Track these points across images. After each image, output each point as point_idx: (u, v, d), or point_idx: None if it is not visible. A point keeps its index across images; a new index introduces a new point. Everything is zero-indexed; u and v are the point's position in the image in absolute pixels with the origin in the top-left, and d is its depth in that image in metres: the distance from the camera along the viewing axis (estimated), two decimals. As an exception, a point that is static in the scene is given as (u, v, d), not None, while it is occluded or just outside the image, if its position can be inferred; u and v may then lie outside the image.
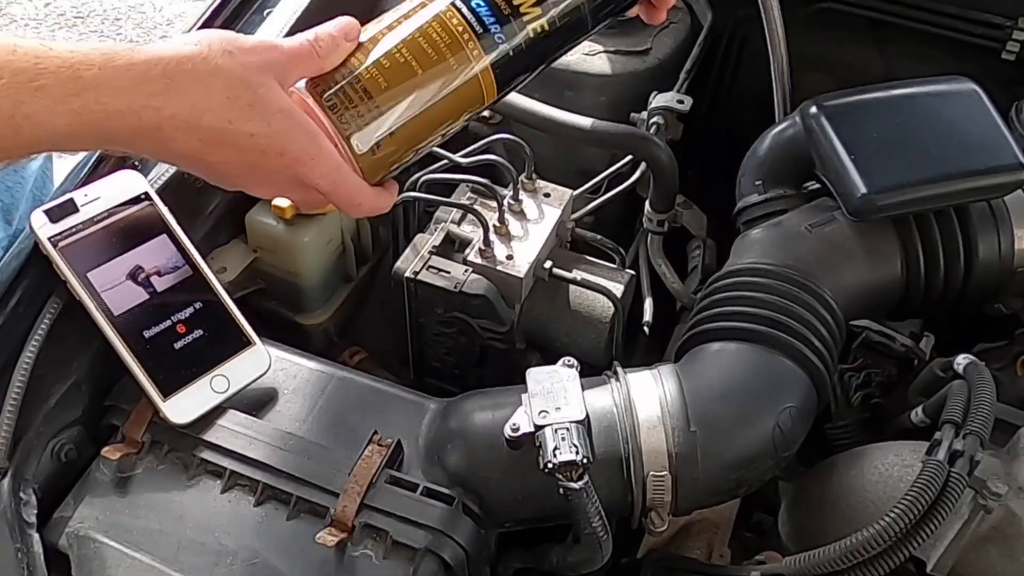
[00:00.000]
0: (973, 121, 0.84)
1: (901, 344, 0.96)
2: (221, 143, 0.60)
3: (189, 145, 0.60)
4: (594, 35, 0.73)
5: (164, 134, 0.59)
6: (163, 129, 0.59)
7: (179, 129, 0.59)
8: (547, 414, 0.70)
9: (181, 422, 0.75)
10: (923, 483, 0.68)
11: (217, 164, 0.63)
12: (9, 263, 0.77)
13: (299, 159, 0.62)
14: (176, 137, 0.59)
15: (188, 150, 0.61)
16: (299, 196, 0.67)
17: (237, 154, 0.61)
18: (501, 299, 0.90)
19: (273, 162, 0.62)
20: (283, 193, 0.68)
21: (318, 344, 1.01)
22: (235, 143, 0.61)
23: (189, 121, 0.59)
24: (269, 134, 0.61)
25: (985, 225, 0.85)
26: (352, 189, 0.65)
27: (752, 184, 0.90)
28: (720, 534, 0.88)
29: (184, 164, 0.64)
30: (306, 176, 0.63)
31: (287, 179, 0.64)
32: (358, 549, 0.70)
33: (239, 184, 0.66)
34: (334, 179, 0.64)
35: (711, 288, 0.84)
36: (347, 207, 0.67)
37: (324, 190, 0.65)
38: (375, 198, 0.68)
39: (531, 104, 0.99)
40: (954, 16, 1.11)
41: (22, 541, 0.70)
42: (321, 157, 0.63)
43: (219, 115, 0.59)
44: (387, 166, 0.67)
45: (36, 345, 0.74)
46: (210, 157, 0.62)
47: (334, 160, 0.64)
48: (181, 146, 0.60)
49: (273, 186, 0.66)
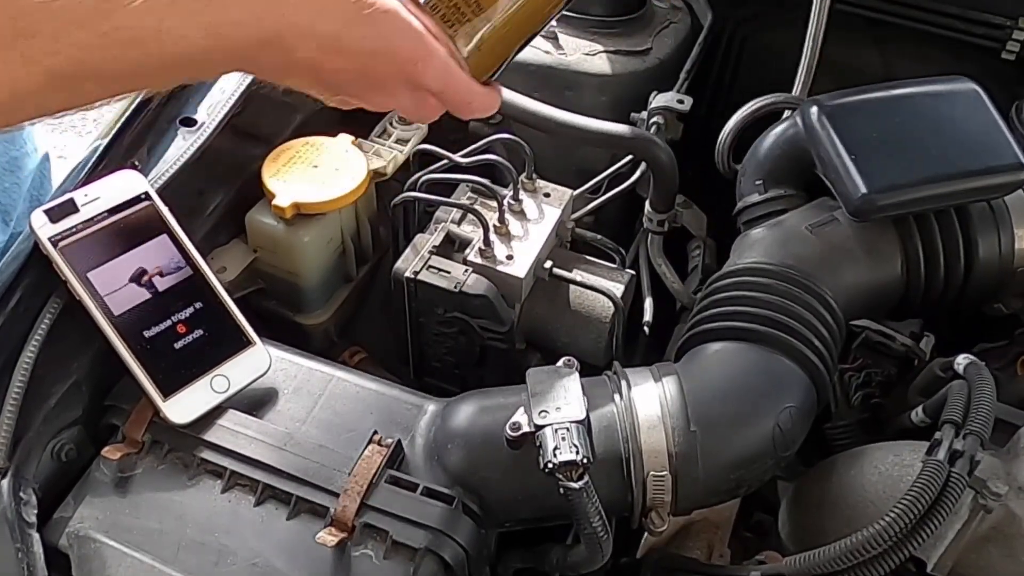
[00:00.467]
0: (973, 121, 0.84)
1: (901, 344, 0.97)
2: (336, 49, 0.61)
3: (308, 53, 0.61)
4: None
5: (286, 43, 0.60)
6: (285, 37, 0.59)
7: (298, 37, 0.60)
8: (547, 414, 0.70)
9: (181, 422, 0.75)
10: (923, 483, 0.68)
11: (334, 73, 0.63)
12: (9, 263, 0.77)
13: (409, 59, 0.63)
14: (297, 46, 0.60)
15: (307, 59, 0.61)
16: (412, 101, 0.67)
17: (351, 59, 0.62)
18: (501, 299, 0.90)
19: (384, 65, 0.63)
20: (396, 100, 0.68)
21: (318, 344, 1.01)
22: (348, 48, 0.61)
23: (306, 27, 0.59)
24: (378, 36, 0.61)
25: (985, 225, 0.85)
26: (462, 87, 0.66)
27: (752, 184, 0.90)
28: (720, 534, 0.88)
29: (303, 77, 0.64)
30: (416, 76, 0.64)
31: (399, 82, 0.64)
32: (358, 549, 0.70)
33: (354, 92, 0.66)
34: (444, 78, 0.65)
35: (711, 288, 0.84)
36: (458, 106, 0.68)
37: (435, 89, 0.65)
38: (485, 96, 0.68)
39: (531, 104, 0.99)
40: (954, 16, 1.11)
41: (22, 541, 0.70)
42: (430, 56, 0.64)
43: (332, 18, 0.60)
44: (493, 64, 0.68)
45: (36, 345, 0.74)
46: (328, 65, 0.62)
47: (443, 59, 0.64)
48: (302, 55, 0.61)
49: (386, 92, 0.66)
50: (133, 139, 0.86)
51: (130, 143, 0.86)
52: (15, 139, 1.11)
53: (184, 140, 0.88)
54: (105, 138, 0.85)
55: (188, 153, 0.86)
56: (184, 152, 0.86)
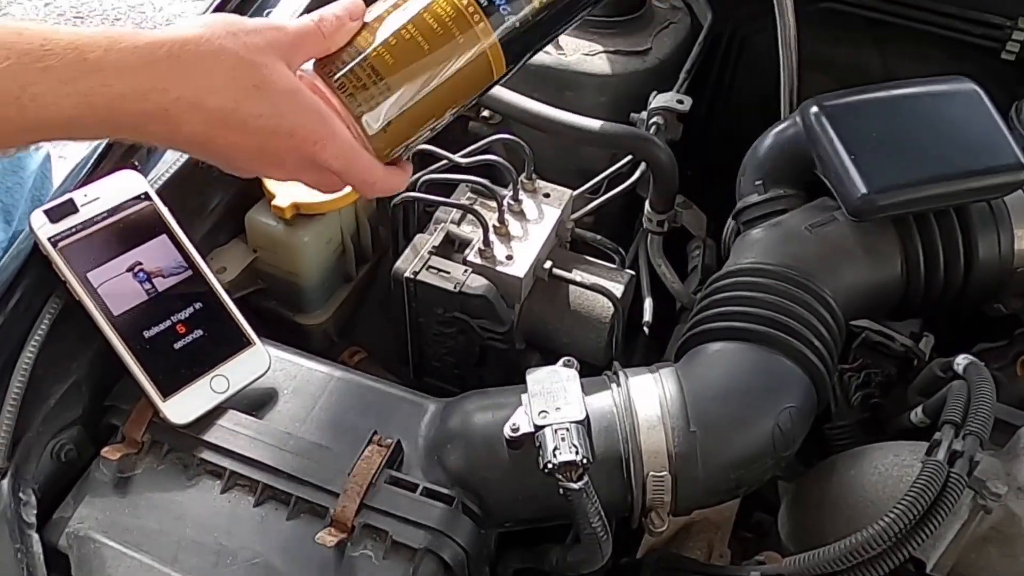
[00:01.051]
0: (973, 121, 0.84)
1: (901, 344, 0.96)
2: (228, 125, 0.60)
3: (197, 128, 0.60)
4: (598, 4, 0.72)
5: (171, 116, 0.59)
6: (170, 112, 0.58)
7: (185, 112, 0.59)
8: (547, 414, 0.70)
9: (181, 422, 0.75)
10: (923, 483, 0.68)
11: (227, 148, 0.62)
12: (9, 263, 0.77)
13: (309, 139, 0.62)
14: (183, 120, 0.59)
15: (196, 134, 0.60)
16: (312, 178, 0.67)
17: (245, 136, 0.61)
18: (501, 299, 0.90)
19: (283, 143, 0.62)
20: (296, 175, 0.67)
21: (318, 344, 1.01)
22: (242, 125, 0.60)
23: (195, 103, 0.58)
24: (276, 115, 0.61)
25: (985, 225, 0.85)
26: (365, 168, 0.65)
27: (752, 184, 0.90)
28: (720, 534, 0.88)
29: (195, 150, 0.64)
30: (318, 156, 0.63)
31: (299, 160, 0.64)
32: (358, 549, 0.70)
33: (251, 168, 0.66)
34: (347, 158, 0.64)
35: (711, 288, 0.84)
36: (361, 187, 0.67)
37: (337, 170, 0.64)
38: (389, 177, 0.68)
39: (531, 104, 0.99)
40: (954, 16, 1.10)
41: (22, 541, 0.70)
42: (332, 136, 0.63)
43: (224, 96, 0.59)
44: (399, 145, 0.67)
45: (36, 345, 0.74)
46: (219, 140, 0.61)
47: (345, 139, 0.64)
48: (189, 129, 0.60)
49: (285, 169, 0.66)
50: (133, 139, 0.86)
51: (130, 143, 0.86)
52: (15, 139, 1.11)
53: (184, 140, 0.88)
54: (105, 138, 0.85)
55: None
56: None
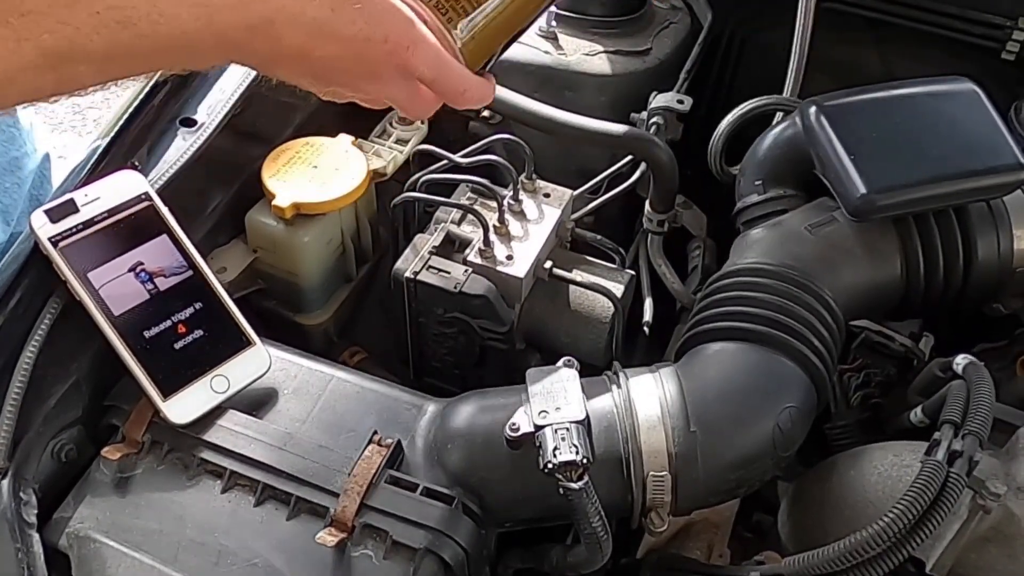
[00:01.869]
0: (973, 121, 0.84)
1: (900, 344, 0.96)
2: (327, 34, 0.61)
3: (298, 40, 0.60)
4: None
5: (275, 28, 0.59)
6: (274, 23, 0.59)
7: (287, 23, 0.59)
8: (547, 414, 0.70)
9: (181, 422, 0.75)
10: (922, 483, 0.68)
11: (325, 60, 0.63)
12: (9, 263, 0.77)
13: (401, 43, 0.63)
14: (285, 33, 0.60)
15: (297, 45, 0.61)
16: (405, 91, 0.67)
17: (342, 46, 0.62)
18: (501, 299, 0.90)
19: (377, 50, 0.62)
20: (389, 89, 0.67)
21: (318, 344, 1.01)
22: (339, 33, 0.61)
23: (295, 13, 0.59)
24: (370, 21, 0.61)
25: (985, 225, 0.85)
26: (456, 75, 0.66)
27: (752, 184, 0.90)
28: (720, 534, 0.88)
29: (296, 65, 0.64)
30: (409, 63, 0.64)
31: (392, 70, 0.64)
32: (358, 549, 0.70)
33: (348, 82, 0.66)
34: (437, 65, 0.64)
35: (711, 288, 0.84)
36: (452, 95, 0.67)
37: (428, 77, 0.65)
38: (479, 85, 0.68)
39: (531, 104, 0.99)
40: (954, 16, 1.11)
41: (22, 541, 0.70)
42: (423, 42, 0.63)
43: (321, 5, 0.60)
44: (487, 52, 0.68)
45: (36, 345, 0.74)
46: (317, 52, 0.62)
47: (434, 45, 0.64)
48: (290, 41, 0.60)
49: (380, 80, 0.66)
50: (133, 139, 0.86)
51: (130, 143, 0.86)
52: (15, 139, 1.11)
53: (184, 140, 0.88)
54: (105, 138, 0.85)
55: (188, 153, 0.87)
56: (184, 152, 0.86)
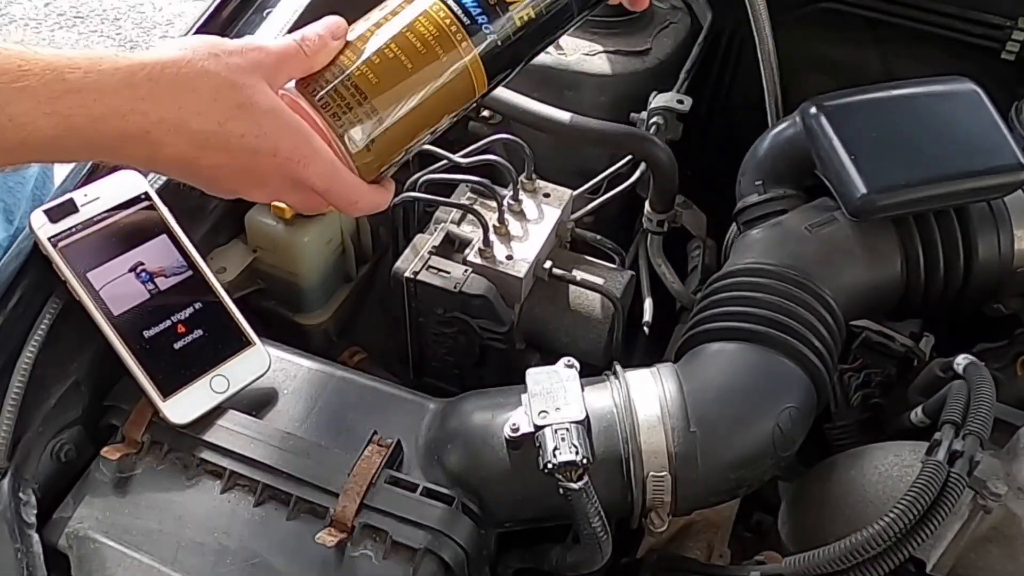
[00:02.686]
0: (973, 121, 0.84)
1: (901, 344, 0.96)
2: (212, 146, 0.60)
3: (179, 150, 0.59)
4: (580, 24, 0.73)
5: (152, 138, 0.58)
6: (151, 133, 0.58)
7: (168, 133, 0.58)
8: (547, 414, 0.70)
9: (181, 422, 0.75)
10: (923, 483, 0.68)
11: (210, 169, 0.62)
12: (9, 263, 0.77)
13: (292, 157, 0.62)
14: (165, 142, 0.59)
15: (179, 155, 0.60)
16: (296, 198, 0.67)
17: (229, 157, 0.61)
18: (501, 299, 0.90)
19: (266, 162, 0.62)
20: (280, 196, 0.67)
21: (318, 344, 1.01)
22: (226, 145, 0.60)
23: (177, 125, 0.58)
24: (260, 134, 0.60)
25: (985, 225, 0.85)
26: (348, 187, 0.65)
27: (752, 184, 0.90)
28: (720, 534, 0.88)
29: (177, 172, 0.64)
30: (301, 175, 0.63)
31: (282, 180, 0.64)
32: (358, 549, 0.70)
33: (235, 189, 0.65)
34: (329, 177, 0.64)
35: (711, 288, 0.84)
36: (344, 206, 0.67)
37: (320, 189, 0.64)
38: (372, 195, 0.68)
39: (531, 104, 0.99)
40: (953, 16, 1.10)
41: (22, 541, 0.70)
42: (315, 154, 0.63)
43: (207, 117, 0.59)
44: (382, 163, 0.67)
45: (36, 345, 0.74)
46: (202, 161, 0.61)
47: (328, 157, 0.63)
48: (171, 151, 0.59)
49: (269, 189, 0.65)
50: (133, 139, 0.86)
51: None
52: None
53: (184, 140, 0.88)
54: (105, 138, 0.85)
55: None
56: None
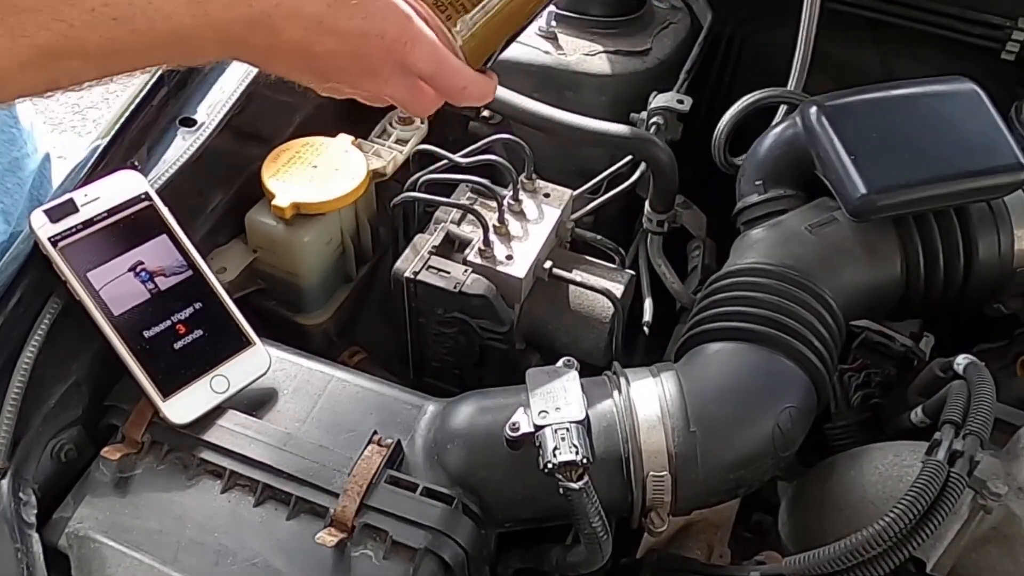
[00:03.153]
0: (973, 121, 0.84)
1: (901, 344, 0.97)
2: (324, 30, 0.61)
3: (296, 35, 0.60)
4: None
5: (274, 23, 0.59)
6: (272, 17, 0.59)
7: (285, 18, 0.59)
8: (547, 414, 0.70)
9: (181, 422, 0.75)
10: (923, 483, 0.68)
11: (324, 56, 0.62)
12: (9, 263, 0.77)
13: (399, 39, 0.62)
14: (284, 27, 0.60)
15: (296, 40, 0.61)
16: (405, 88, 0.67)
17: (340, 41, 0.62)
18: (501, 299, 0.90)
19: (375, 45, 0.62)
20: (388, 86, 0.67)
21: (318, 344, 1.01)
22: (336, 28, 0.61)
23: (293, 8, 0.59)
24: (366, 15, 0.61)
25: (985, 225, 0.85)
26: (456, 71, 0.66)
27: (752, 184, 0.90)
28: (720, 534, 0.88)
29: (295, 60, 0.64)
30: (407, 59, 0.63)
31: (391, 66, 0.64)
32: (358, 549, 0.70)
33: (347, 79, 0.66)
34: (436, 61, 0.64)
35: (711, 288, 0.84)
36: (453, 92, 0.67)
37: (426, 73, 0.65)
38: (480, 82, 0.68)
39: (531, 104, 0.99)
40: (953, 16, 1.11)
41: (22, 541, 0.70)
42: (421, 37, 0.63)
43: (318, 1, 0.60)
44: (488, 50, 0.68)
45: (36, 345, 0.74)
46: (316, 47, 0.62)
47: (432, 41, 0.64)
48: (289, 36, 0.60)
49: (379, 77, 0.65)
50: (133, 139, 0.86)
51: (130, 143, 0.86)
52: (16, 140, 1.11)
53: (184, 140, 0.88)
54: (105, 138, 0.85)
55: (188, 153, 0.87)
56: (184, 152, 0.86)
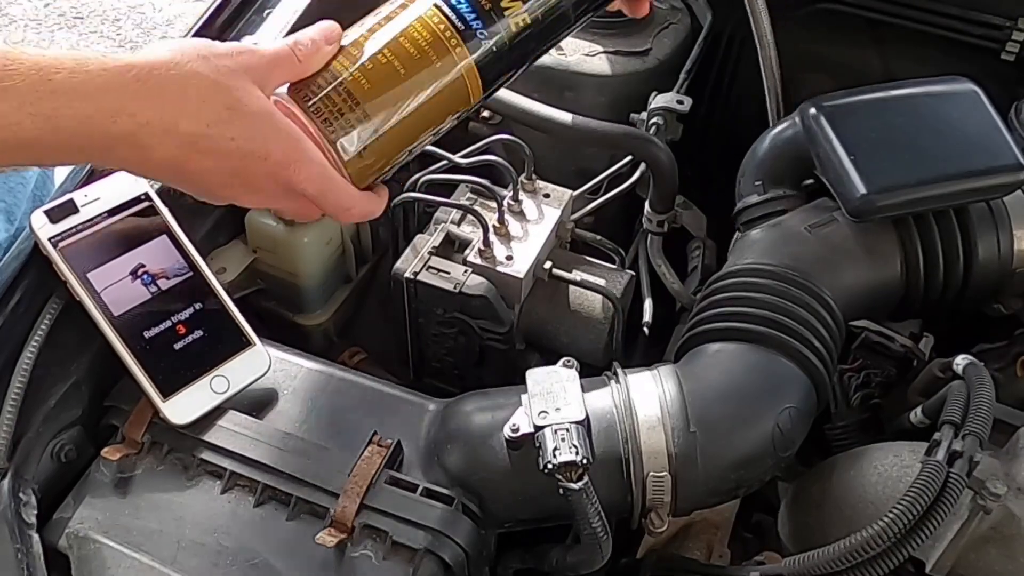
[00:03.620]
0: (973, 121, 0.84)
1: (900, 344, 0.96)
2: (201, 149, 0.59)
3: (168, 152, 0.58)
4: (576, 31, 0.72)
5: (141, 141, 0.57)
6: (139, 136, 0.57)
7: (155, 136, 0.57)
8: (547, 414, 0.70)
9: (181, 423, 0.75)
10: (922, 484, 0.68)
11: (200, 173, 0.61)
12: (9, 264, 0.77)
13: (282, 162, 0.61)
14: (153, 145, 0.58)
15: (168, 158, 0.59)
16: (289, 205, 0.66)
17: (219, 160, 0.60)
18: (501, 300, 0.90)
19: (257, 167, 0.61)
20: (272, 202, 0.66)
21: (318, 344, 1.01)
22: (215, 148, 0.59)
23: (165, 127, 0.57)
24: (249, 136, 0.60)
25: (984, 226, 0.85)
26: (341, 193, 0.64)
27: (752, 184, 0.90)
28: (720, 535, 0.88)
29: (168, 176, 0.63)
30: (292, 180, 0.62)
31: (274, 185, 0.63)
32: (358, 550, 0.70)
33: (226, 195, 0.64)
34: (321, 183, 0.63)
35: (711, 288, 0.84)
36: (337, 212, 0.66)
37: (312, 194, 0.63)
38: (365, 202, 0.67)
39: (531, 104, 0.99)
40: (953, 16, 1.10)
41: (22, 542, 0.70)
42: (306, 159, 0.62)
43: (196, 119, 0.58)
44: (376, 170, 0.67)
45: (36, 345, 0.74)
46: (191, 165, 0.60)
47: (320, 163, 0.63)
48: (160, 154, 0.58)
49: (261, 194, 0.64)
50: (133, 140, 0.86)
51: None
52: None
53: (184, 141, 0.88)
54: (105, 139, 0.85)
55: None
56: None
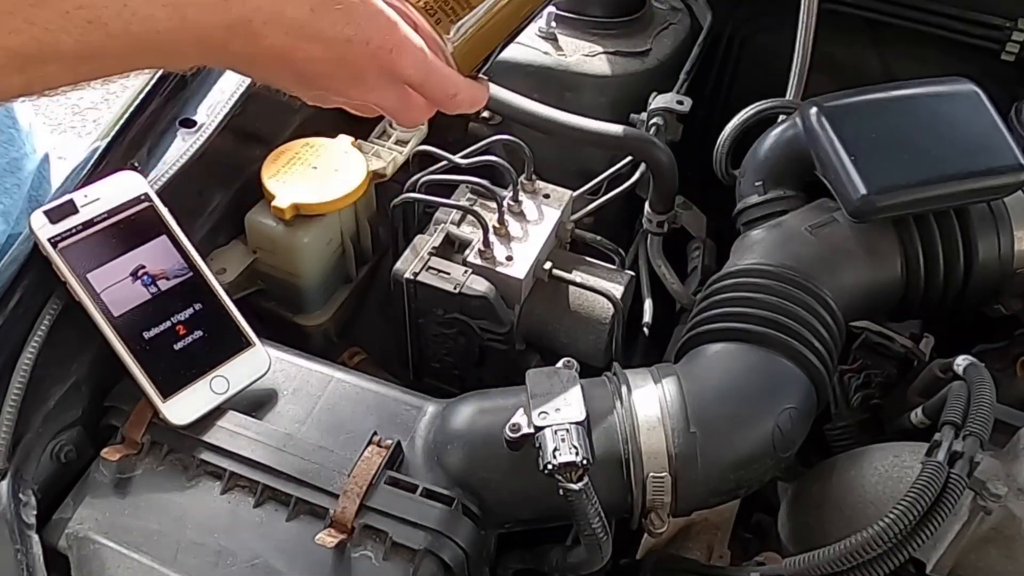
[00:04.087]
0: (973, 122, 0.84)
1: (901, 345, 0.96)
2: (307, 36, 0.59)
3: (277, 40, 0.59)
4: None
5: (253, 28, 0.58)
6: (252, 22, 0.58)
7: (266, 23, 0.58)
8: (547, 415, 0.70)
9: (181, 423, 0.75)
10: (923, 484, 0.68)
11: (308, 62, 0.61)
12: (9, 264, 0.77)
13: (385, 46, 0.61)
14: (264, 32, 0.58)
15: (278, 46, 0.59)
16: (393, 96, 0.65)
17: (324, 48, 0.60)
18: (501, 300, 0.90)
19: (360, 52, 0.61)
20: (376, 94, 0.65)
21: (318, 345, 1.01)
22: (320, 34, 0.59)
23: (273, 13, 0.58)
24: (351, 21, 0.60)
25: (985, 226, 0.85)
26: (446, 79, 0.64)
27: (752, 185, 0.90)
28: (720, 535, 0.88)
29: (277, 67, 0.62)
30: (395, 64, 0.62)
31: (377, 73, 0.62)
32: (358, 550, 0.70)
33: (332, 86, 0.64)
34: (423, 68, 0.63)
35: (711, 289, 0.84)
36: (442, 99, 0.66)
37: (415, 81, 0.63)
38: (471, 89, 0.67)
39: (531, 105, 0.99)
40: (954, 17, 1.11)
41: (21, 542, 0.70)
42: (408, 45, 0.62)
43: (301, 4, 0.58)
44: (479, 56, 0.67)
45: (36, 346, 0.74)
46: (299, 53, 0.60)
47: (420, 47, 0.63)
48: (271, 42, 0.59)
49: (367, 84, 0.64)
50: (133, 140, 0.86)
51: (130, 144, 0.86)
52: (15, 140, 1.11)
53: (184, 141, 0.88)
54: (105, 139, 0.85)
55: (188, 154, 0.86)
56: (184, 153, 0.86)
